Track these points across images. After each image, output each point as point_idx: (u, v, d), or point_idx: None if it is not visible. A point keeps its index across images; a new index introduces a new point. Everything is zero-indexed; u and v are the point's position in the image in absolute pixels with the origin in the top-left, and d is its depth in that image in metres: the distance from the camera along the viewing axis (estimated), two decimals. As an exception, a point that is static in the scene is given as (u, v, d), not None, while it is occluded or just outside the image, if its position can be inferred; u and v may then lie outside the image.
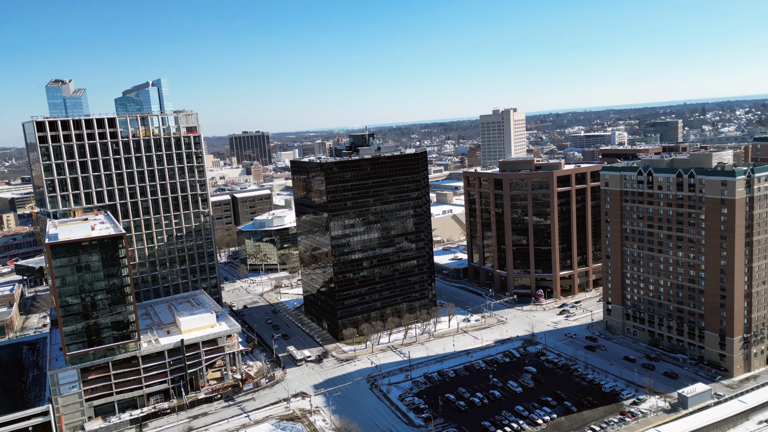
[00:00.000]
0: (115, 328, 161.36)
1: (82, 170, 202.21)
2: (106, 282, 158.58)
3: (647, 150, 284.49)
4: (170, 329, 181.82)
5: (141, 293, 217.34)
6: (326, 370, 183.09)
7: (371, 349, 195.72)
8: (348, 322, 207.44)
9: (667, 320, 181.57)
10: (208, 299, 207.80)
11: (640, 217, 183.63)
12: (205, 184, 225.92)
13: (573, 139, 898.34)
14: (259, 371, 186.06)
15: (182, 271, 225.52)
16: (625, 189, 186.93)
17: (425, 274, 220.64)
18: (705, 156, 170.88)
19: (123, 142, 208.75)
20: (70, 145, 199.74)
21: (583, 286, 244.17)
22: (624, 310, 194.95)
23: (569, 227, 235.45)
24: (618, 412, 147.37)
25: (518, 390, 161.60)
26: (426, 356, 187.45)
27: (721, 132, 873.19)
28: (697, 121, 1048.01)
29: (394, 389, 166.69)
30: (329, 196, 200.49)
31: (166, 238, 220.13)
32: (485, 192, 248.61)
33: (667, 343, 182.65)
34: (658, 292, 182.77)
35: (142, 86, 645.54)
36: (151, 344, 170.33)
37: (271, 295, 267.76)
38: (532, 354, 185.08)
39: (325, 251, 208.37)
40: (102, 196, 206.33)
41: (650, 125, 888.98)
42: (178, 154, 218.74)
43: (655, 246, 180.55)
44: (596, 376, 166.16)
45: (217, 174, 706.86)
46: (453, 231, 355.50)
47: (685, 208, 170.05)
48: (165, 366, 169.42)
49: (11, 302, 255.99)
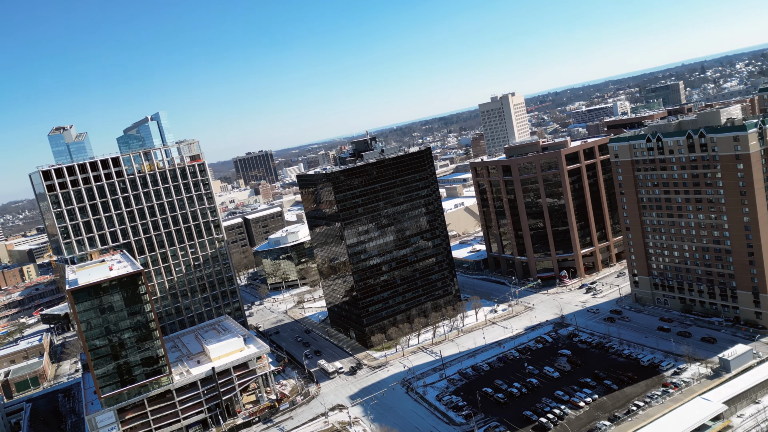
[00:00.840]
0: (146, 365, 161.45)
1: (93, 213, 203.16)
2: (131, 320, 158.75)
3: (652, 116, 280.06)
4: (200, 358, 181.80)
5: (167, 326, 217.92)
6: (360, 380, 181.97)
7: (402, 352, 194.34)
8: (375, 328, 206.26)
9: (696, 285, 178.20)
10: (234, 324, 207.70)
11: (654, 184, 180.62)
12: (215, 210, 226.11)
13: (575, 115, 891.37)
14: (294, 389, 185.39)
15: (204, 300, 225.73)
16: (636, 158, 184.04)
17: (446, 270, 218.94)
18: (713, 114, 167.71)
19: (129, 179, 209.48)
20: (78, 190, 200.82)
21: (606, 262, 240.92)
22: (651, 280, 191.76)
23: (584, 204, 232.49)
24: (660, 384, 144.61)
25: (555, 375, 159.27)
26: (458, 353, 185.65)
27: (723, 88, 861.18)
28: (698, 80, 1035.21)
29: (431, 390, 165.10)
30: (339, 205, 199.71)
31: (184, 269, 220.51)
32: (495, 180, 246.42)
33: (700, 308, 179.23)
34: (683, 257, 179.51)
35: (142, 122, 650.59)
36: (183, 376, 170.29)
37: (295, 311, 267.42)
38: (564, 337, 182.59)
39: (343, 261, 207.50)
40: (116, 236, 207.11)
41: (651, 91, 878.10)
42: (184, 184, 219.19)
43: (675, 211, 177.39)
44: (633, 351, 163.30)
45: (226, 198, 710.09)
46: (467, 223, 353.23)
47: (700, 169, 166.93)
48: (200, 396, 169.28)
49: (41, 352, 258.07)
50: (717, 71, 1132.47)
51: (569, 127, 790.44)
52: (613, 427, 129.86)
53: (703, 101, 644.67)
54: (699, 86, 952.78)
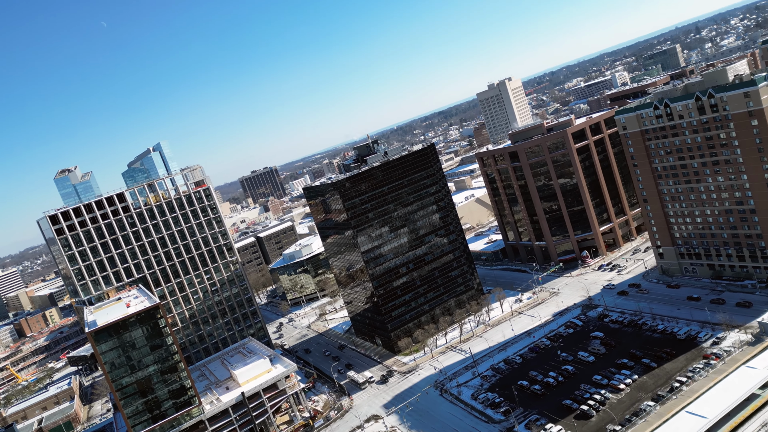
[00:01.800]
0: (175, 398, 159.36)
1: (105, 251, 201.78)
2: (154, 355, 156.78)
3: (655, 83, 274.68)
4: (229, 384, 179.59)
5: (192, 355, 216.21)
6: (392, 387, 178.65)
7: (431, 354, 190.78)
8: (401, 332, 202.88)
9: (724, 249, 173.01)
10: (258, 345, 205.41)
11: (668, 152, 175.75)
12: (226, 234, 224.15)
13: (574, 92, 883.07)
14: (326, 404, 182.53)
15: (226, 324, 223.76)
16: (645, 127, 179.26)
17: (465, 265, 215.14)
18: (719, 72, 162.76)
19: (136, 213, 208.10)
20: (87, 230, 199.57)
21: (627, 236, 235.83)
22: (676, 250, 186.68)
23: (597, 181, 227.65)
24: (700, 356, 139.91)
25: (590, 359, 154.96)
26: (488, 348, 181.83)
27: (721, 46, 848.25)
28: (695, 42, 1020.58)
29: (465, 389, 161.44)
30: (349, 213, 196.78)
31: (202, 296, 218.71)
32: (503, 168, 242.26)
33: (731, 273, 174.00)
34: (707, 223, 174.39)
35: (144, 154, 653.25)
36: (214, 404, 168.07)
37: (318, 324, 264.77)
38: (594, 318, 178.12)
39: (359, 268, 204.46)
40: (130, 271, 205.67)
41: (648, 58, 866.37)
42: (192, 210, 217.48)
43: (692, 177, 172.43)
44: (667, 325, 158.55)
45: (237, 219, 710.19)
46: (480, 214, 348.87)
47: (713, 130, 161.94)
48: (233, 422, 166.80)
49: (72, 396, 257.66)
50: (712, 30, 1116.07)
51: (570, 104, 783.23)
52: (658, 407, 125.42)
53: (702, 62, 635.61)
54: (696, 47, 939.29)
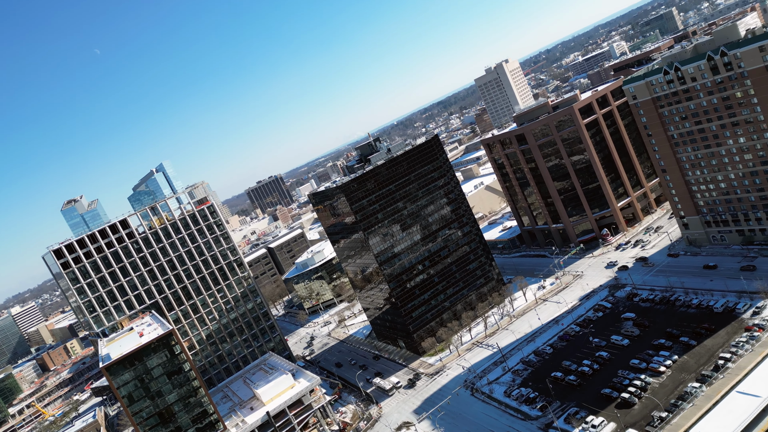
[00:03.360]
0: (198, 424, 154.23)
1: (114, 280, 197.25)
2: (173, 382, 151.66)
3: (659, 48, 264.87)
4: (253, 404, 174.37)
5: (213, 377, 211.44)
6: (420, 391, 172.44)
7: (457, 352, 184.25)
8: (423, 333, 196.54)
9: (753, 213, 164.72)
10: (279, 360, 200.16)
11: (683, 117, 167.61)
12: (234, 249, 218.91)
13: (573, 67, 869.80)
14: (355, 415, 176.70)
15: (245, 341, 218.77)
16: (656, 94, 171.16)
17: (482, 257, 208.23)
18: (730, 28, 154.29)
19: (142, 238, 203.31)
20: (94, 261, 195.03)
21: (646, 209, 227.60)
22: (702, 219, 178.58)
23: (610, 155, 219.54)
24: (742, 329, 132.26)
25: (625, 342, 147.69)
26: (515, 340, 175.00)
27: (718, 4, 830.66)
28: (690, 2, 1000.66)
29: (497, 387, 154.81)
30: (357, 215, 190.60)
31: (217, 315, 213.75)
32: (511, 152, 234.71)
33: (762, 237, 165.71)
34: (731, 187, 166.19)
35: (148, 176, 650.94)
36: (239, 427, 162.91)
37: (338, 331, 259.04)
38: (623, 299, 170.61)
39: (374, 270, 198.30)
40: (141, 298, 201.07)
41: (645, 24, 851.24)
42: (198, 229, 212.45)
43: (711, 141, 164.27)
44: (702, 299, 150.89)
45: (247, 231, 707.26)
46: (491, 202, 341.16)
47: (729, 90, 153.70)
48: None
49: (98, 429, 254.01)
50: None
51: (570, 80, 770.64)
52: (705, 388, 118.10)
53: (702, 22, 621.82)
54: (693, 8, 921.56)
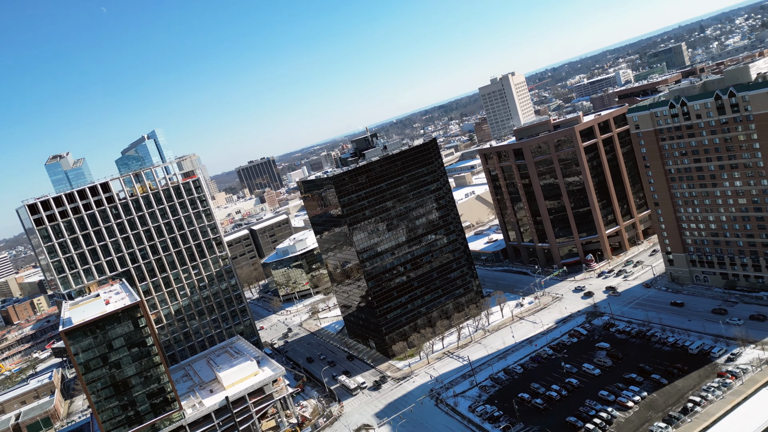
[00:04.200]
0: (154, 402, 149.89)
1: (87, 243, 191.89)
2: (132, 356, 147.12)
3: (666, 80, 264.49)
4: (213, 387, 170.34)
5: (176, 353, 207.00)
6: (384, 394, 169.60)
7: (427, 360, 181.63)
8: (396, 336, 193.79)
9: (739, 258, 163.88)
10: (246, 345, 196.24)
11: (683, 153, 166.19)
12: (215, 227, 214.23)
13: (577, 89, 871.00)
14: (315, 410, 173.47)
15: (214, 321, 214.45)
16: (659, 127, 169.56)
17: (464, 267, 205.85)
18: (741, 70, 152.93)
19: (122, 204, 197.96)
20: (69, 221, 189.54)
21: (633, 240, 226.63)
22: (688, 257, 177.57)
23: (604, 181, 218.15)
24: (714, 374, 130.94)
25: (596, 372, 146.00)
26: (487, 355, 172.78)
27: (726, 45, 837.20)
28: (699, 40, 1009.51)
29: (462, 400, 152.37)
30: (345, 209, 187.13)
31: (189, 292, 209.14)
32: (506, 165, 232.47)
33: (745, 283, 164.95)
34: (722, 229, 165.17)
35: (139, 142, 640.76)
36: (196, 408, 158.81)
37: (311, 323, 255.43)
38: (600, 327, 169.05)
39: (354, 266, 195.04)
40: (113, 265, 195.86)
41: (653, 56, 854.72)
42: (180, 202, 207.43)
43: (708, 180, 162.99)
44: (678, 338, 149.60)
45: (232, 209, 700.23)
46: (480, 212, 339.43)
47: (732, 132, 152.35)
48: (215, 429, 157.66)
49: (52, 390, 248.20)
50: (717, 29, 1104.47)
51: (573, 101, 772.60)
52: (671, 430, 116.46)
53: (709, 60, 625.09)
54: (701, 46, 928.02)
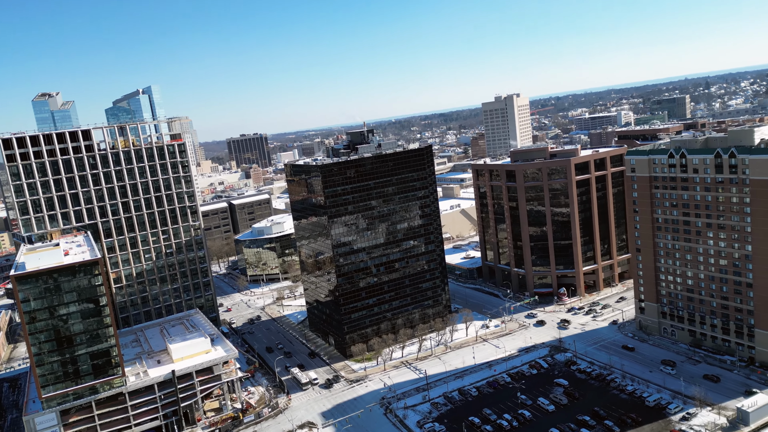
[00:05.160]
0: (96, 364, 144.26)
1: (57, 189, 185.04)
2: (82, 313, 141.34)
3: (667, 129, 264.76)
4: (161, 358, 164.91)
5: (131, 316, 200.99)
6: (335, 394, 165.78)
7: (383, 366, 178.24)
8: (357, 336, 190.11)
9: (710, 318, 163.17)
10: (203, 320, 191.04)
11: (673, 204, 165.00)
12: (193, 195, 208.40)
13: (578, 121, 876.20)
14: (261, 399, 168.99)
15: (175, 290, 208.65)
16: (655, 174, 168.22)
17: (438, 279, 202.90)
18: (746, 132, 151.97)
19: (101, 155, 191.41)
20: (42, 163, 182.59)
21: (609, 281, 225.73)
22: (659, 308, 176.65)
23: (590, 218, 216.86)
24: (668, 430, 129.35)
25: (550, 408, 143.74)
26: (444, 372, 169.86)
27: (728, 105, 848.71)
28: (703, 96, 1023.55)
29: (412, 414, 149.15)
30: (328, 200, 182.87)
31: (154, 256, 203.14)
32: (497, 185, 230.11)
33: (711, 344, 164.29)
34: (698, 287, 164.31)
35: (133, 95, 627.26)
36: (139, 377, 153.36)
37: (273, 308, 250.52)
38: (561, 363, 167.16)
39: (327, 258, 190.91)
40: (81, 216, 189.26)
41: (656, 102, 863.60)
42: (162, 164, 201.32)
43: (693, 236, 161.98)
44: (637, 387, 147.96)
45: (215, 179, 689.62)
46: (462, 226, 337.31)
47: (726, 192, 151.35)
48: (156, 401, 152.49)
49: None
50: (722, 88, 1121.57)
51: (571, 133, 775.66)
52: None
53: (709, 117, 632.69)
54: (704, 101, 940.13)
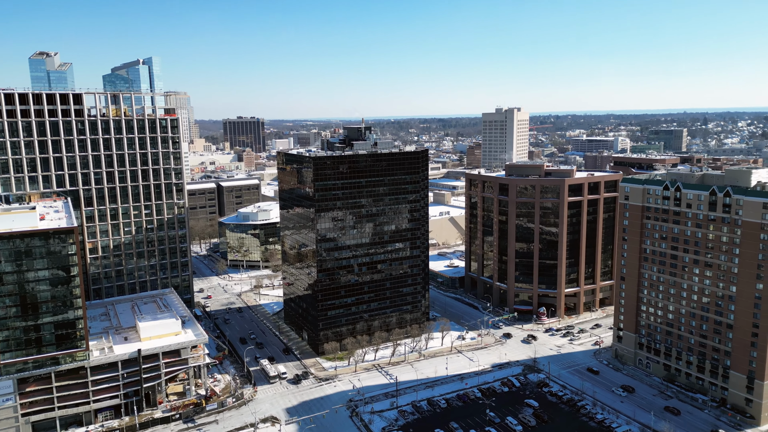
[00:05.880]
0: (60, 335, 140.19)
1: (41, 151, 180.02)
2: (51, 281, 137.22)
3: (664, 160, 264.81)
4: (129, 335, 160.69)
5: (103, 289, 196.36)
6: (302, 391, 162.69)
7: (354, 367, 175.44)
8: (331, 334, 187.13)
9: (686, 354, 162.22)
10: (177, 300, 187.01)
11: (663, 237, 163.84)
12: (181, 173, 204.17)
13: (574, 142, 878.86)
14: (227, 387, 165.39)
15: (151, 267, 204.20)
16: (648, 204, 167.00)
17: (419, 285, 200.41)
18: (743, 173, 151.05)
19: (90, 121, 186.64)
20: (29, 122, 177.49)
21: (589, 305, 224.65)
22: (637, 339, 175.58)
23: (578, 240, 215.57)
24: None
25: (518, 428, 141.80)
26: (415, 379, 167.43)
27: (724, 143, 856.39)
28: (699, 131, 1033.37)
29: (377, 419, 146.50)
30: (318, 194, 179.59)
31: (134, 230, 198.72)
32: (488, 197, 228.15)
33: (685, 380, 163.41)
34: (678, 322, 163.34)
35: (133, 64, 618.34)
36: (104, 353, 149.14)
37: (250, 296, 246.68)
38: (533, 384, 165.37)
39: (310, 251, 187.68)
40: (62, 181, 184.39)
41: (653, 132, 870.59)
42: (152, 138, 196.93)
43: (679, 271, 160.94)
44: (607, 416, 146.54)
45: (207, 159, 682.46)
46: (450, 234, 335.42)
47: (717, 231, 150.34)
48: (118, 379, 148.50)
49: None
50: (719, 125, 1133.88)
51: (567, 153, 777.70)
52: None
53: (704, 153, 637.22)
54: (700, 136, 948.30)
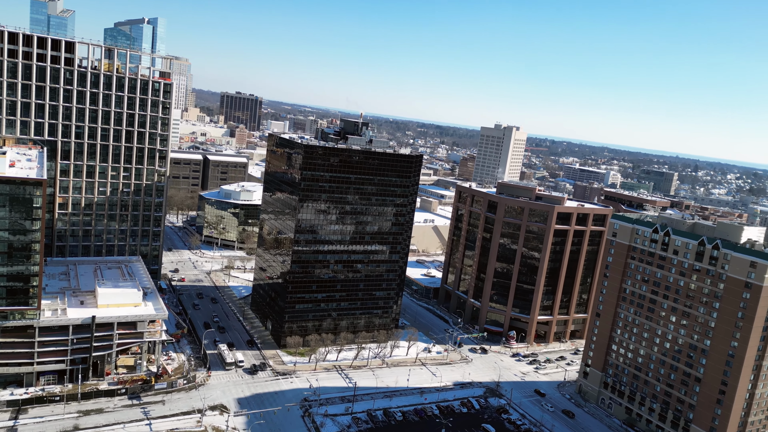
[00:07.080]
0: (12, 288, 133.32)
1: (24, 95, 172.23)
2: (10, 231, 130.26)
3: (655, 201, 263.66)
4: (86, 299, 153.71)
5: (67, 247, 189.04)
6: (257, 383, 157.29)
7: (315, 365, 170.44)
8: (296, 328, 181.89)
9: (650, 401, 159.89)
10: (143, 271, 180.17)
11: (645, 279, 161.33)
12: (167, 140, 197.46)
13: (567, 170, 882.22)
14: (180, 367, 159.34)
15: (121, 232, 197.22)
16: (635, 245, 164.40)
17: (393, 291, 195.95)
18: (734, 228, 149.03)
19: (79, 72, 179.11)
20: (14, 63, 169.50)
21: (559, 336, 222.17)
22: (603, 378, 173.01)
23: (559, 269, 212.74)
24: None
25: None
26: (374, 387, 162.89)
27: (711, 193, 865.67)
28: (689, 177, 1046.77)
29: (330, 423, 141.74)
30: (304, 183, 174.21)
31: (109, 191, 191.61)
32: (476, 212, 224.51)
33: (645, 427, 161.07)
34: (647, 367, 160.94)
35: (137, 21, 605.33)
36: (56, 314, 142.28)
37: (219, 276, 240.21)
38: (493, 408, 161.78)
39: (287, 242, 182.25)
40: (41, 129, 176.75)
41: (645, 172, 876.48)
42: (142, 99, 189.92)
43: (656, 316, 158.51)
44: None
45: (198, 129, 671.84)
46: (431, 243, 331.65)
47: (700, 282, 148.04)
48: (67, 344, 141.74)
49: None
50: (708, 174, 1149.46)
51: (558, 179, 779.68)
52: None
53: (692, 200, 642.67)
54: (689, 183, 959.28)
